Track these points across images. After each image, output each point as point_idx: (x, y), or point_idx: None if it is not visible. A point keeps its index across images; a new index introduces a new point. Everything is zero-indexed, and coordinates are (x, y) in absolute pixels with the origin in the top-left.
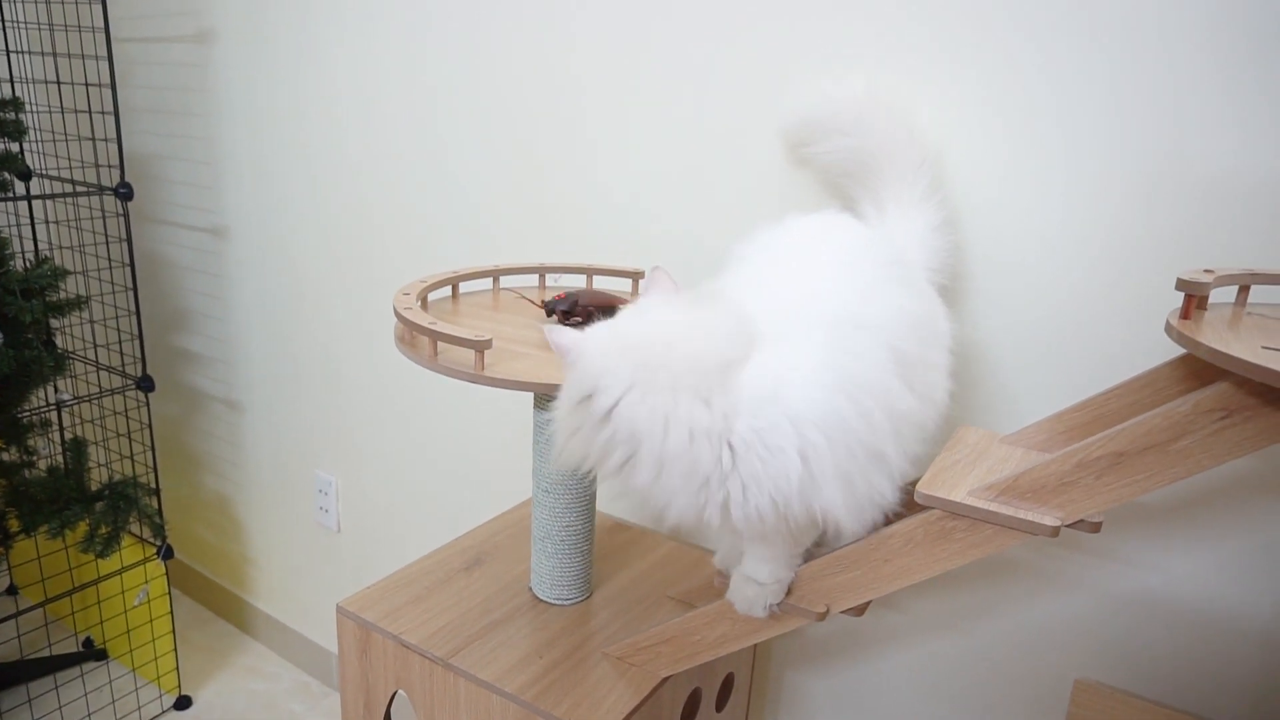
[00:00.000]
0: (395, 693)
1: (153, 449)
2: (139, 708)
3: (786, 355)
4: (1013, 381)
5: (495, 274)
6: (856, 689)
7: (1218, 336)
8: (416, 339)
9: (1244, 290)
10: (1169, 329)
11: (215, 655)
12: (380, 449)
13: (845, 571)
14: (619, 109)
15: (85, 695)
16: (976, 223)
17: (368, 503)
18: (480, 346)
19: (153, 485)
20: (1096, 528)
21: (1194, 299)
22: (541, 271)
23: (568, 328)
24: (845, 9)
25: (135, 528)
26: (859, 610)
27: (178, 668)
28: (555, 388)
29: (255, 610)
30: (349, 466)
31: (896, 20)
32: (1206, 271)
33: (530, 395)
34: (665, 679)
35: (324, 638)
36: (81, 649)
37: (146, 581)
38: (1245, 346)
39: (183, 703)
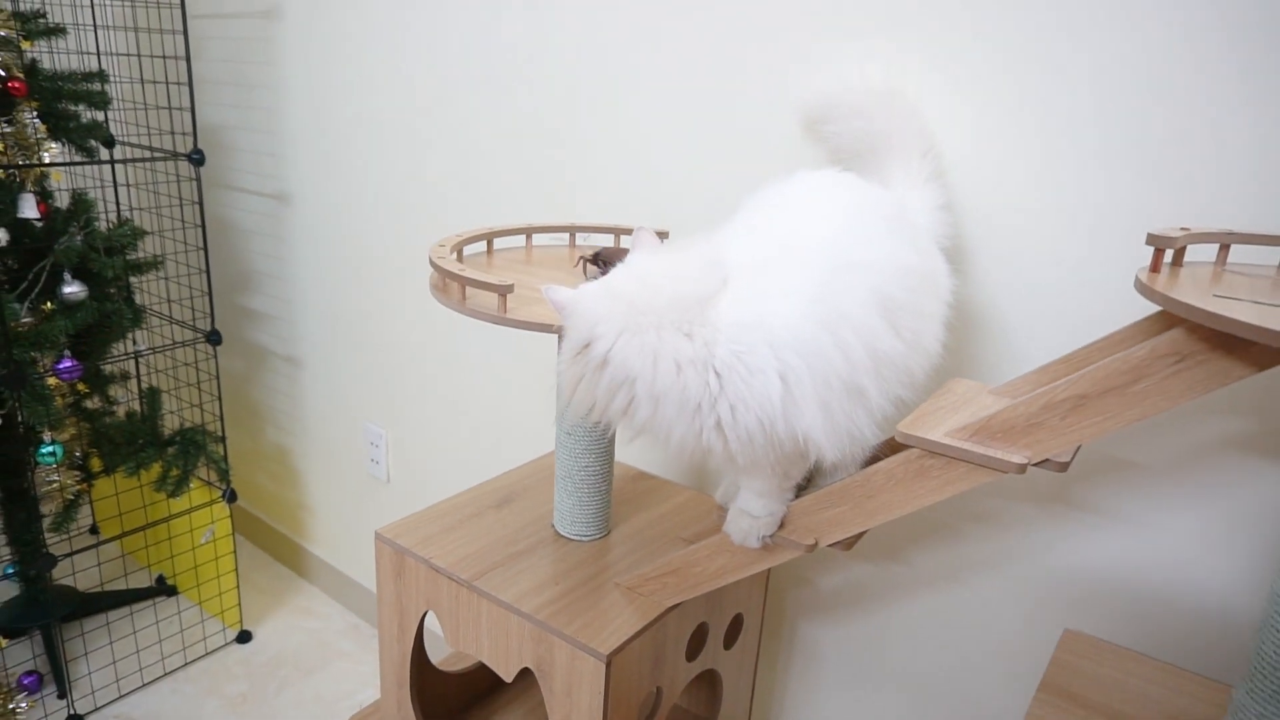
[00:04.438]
0: (425, 613)
1: (219, 399)
2: (204, 638)
3: (772, 287)
4: (1011, 340)
5: (528, 231)
6: (863, 640)
7: (1183, 289)
8: (448, 284)
9: (1224, 249)
10: (1136, 282)
11: (273, 596)
12: (426, 405)
13: (833, 507)
14: (657, 90)
15: (157, 623)
16: (979, 190)
17: (415, 455)
18: (503, 290)
19: (219, 433)
20: (1063, 467)
21: (1161, 252)
22: (572, 230)
23: (562, 286)
24: None
25: (202, 473)
26: (847, 544)
27: (240, 604)
28: (560, 335)
29: (310, 555)
30: (398, 420)
31: (908, 8)
32: (1182, 229)
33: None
34: (671, 608)
35: (374, 582)
36: (154, 584)
37: (213, 522)
38: (1197, 294)
39: (244, 637)
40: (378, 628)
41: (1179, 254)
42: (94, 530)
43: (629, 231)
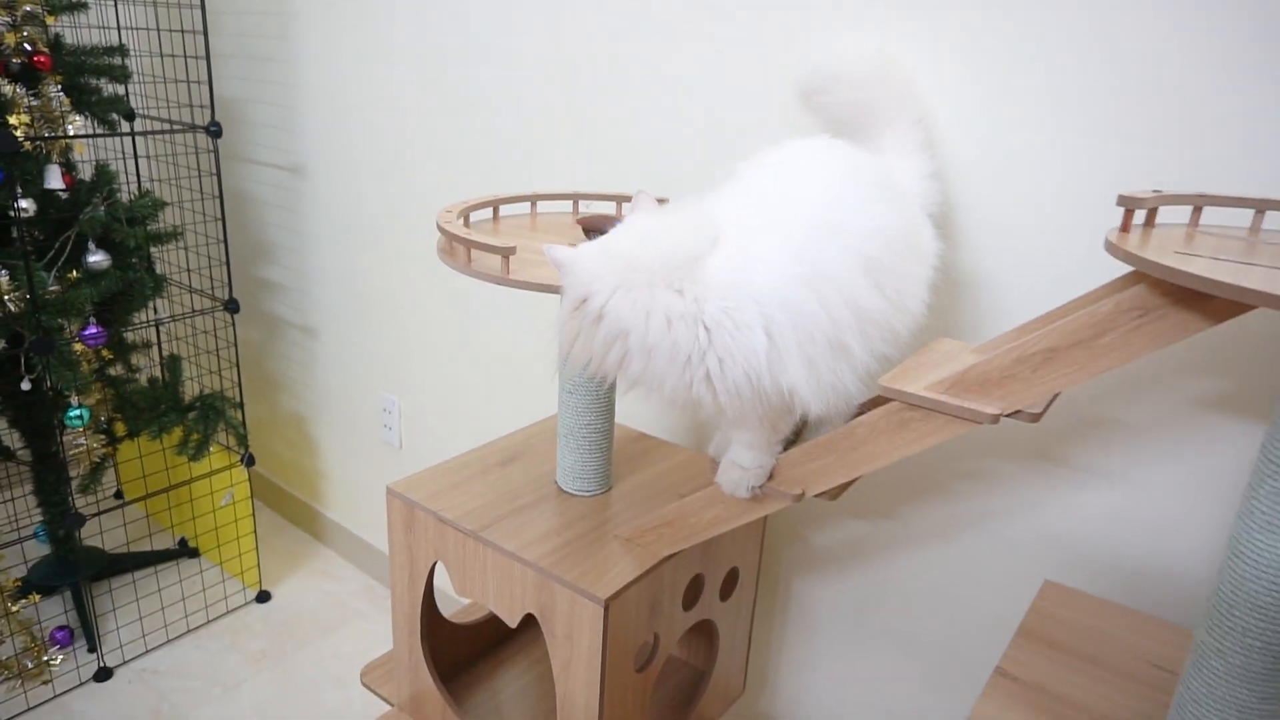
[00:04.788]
0: (434, 564)
1: (237, 366)
2: (225, 597)
3: (760, 248)
4: (995, 302)
5: (533, 199)
6: (857, 596)
7: (1150, 248)
8: (454, 248)
9: (1197, 211)
10: (1106, 242)
11: (291, 558)
12: (437, 372)
13: (819, 458)
14: (657, 64)
15: (181, 582)
16: (967, 159)
17: (427, 422)
18: (505, 252)
19: (237, 399)
20: (1036, 418)
21: (1131, 213)
22: (575, 198)
23: (563, 245)
24: None
25: (221, 438)
26: (833, 494)
27: (259, 565)
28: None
29: (326, 519)
30: (410, 388)
31: None
32: (1154, 192)
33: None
34: (667, 558)
35: (387, 545)
36: (177, 546)
37: (231, 485)
38: (1160, 252)
39: (263, 597)
40: (390, 580)
41: (1151, 215)
42: (119, 495)
43: (629, 199)
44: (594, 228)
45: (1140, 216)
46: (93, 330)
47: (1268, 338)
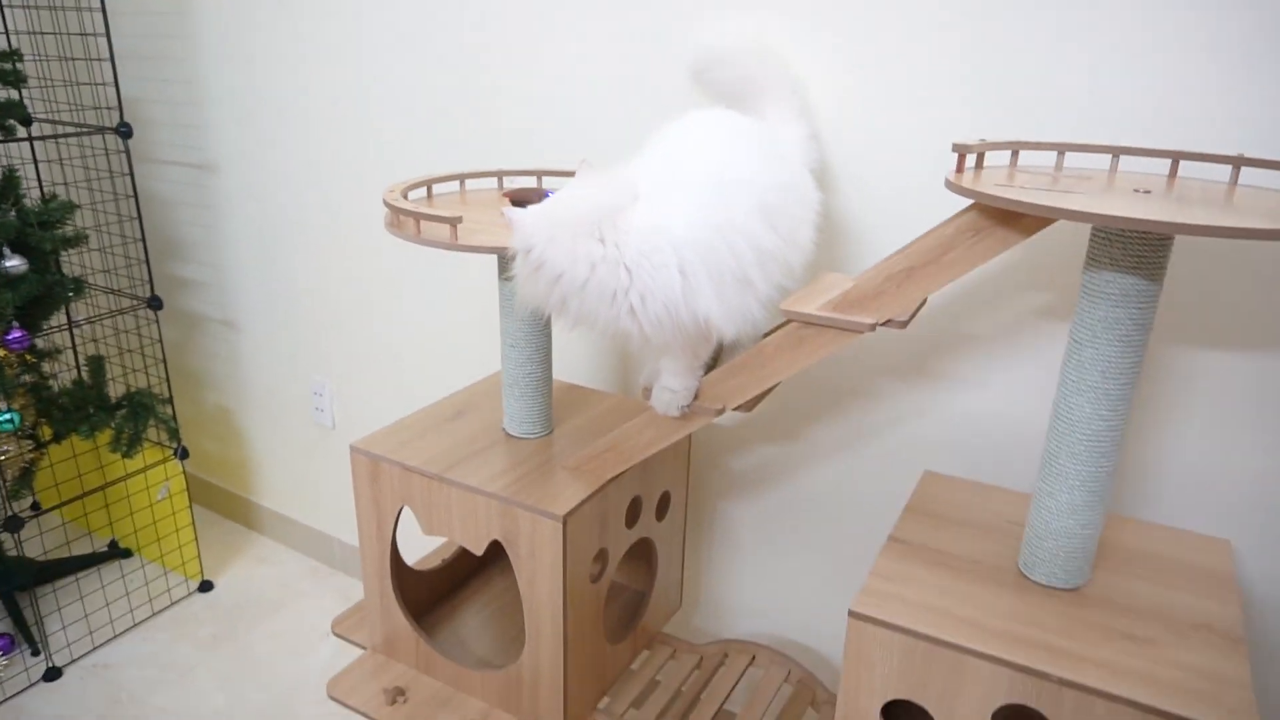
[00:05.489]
0: (400, 510)
1: (164, 362)
2: (168, 589)
3: (673, 200)
4: (867, 239)
5: (462, 178)
6: (773, 510)
7: (978, 184)
8: (404, 221)
9: (1015, 155)
10: (946, 180)
11: (229, 550)
12: (367, 349)
13: (734, 376)
14: (569, 49)
15: (123, 578)
16: (837, 122)
17: (359, 399)
18: (454, 221)
19: (166, 395)
20: (904, 325)
21: (963, 157)
22: (499, 175)
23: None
24: None
25: (151, 434)
26: (748, 406)
27: (199, 556)
28: (509, 249)
29: (262, 509)
30: (340, 369)
31: None
32: (980, 140)
33: (495, 277)
34: (611, 480)
35: (326, 524)
36: (108, 548)
37: (167, 479)
38: (985, 185)
39: (205, 586)
40: (358, 532)
41: (979, 160)
42: (35, 506)
43: (550, 173)
44: (521, 200)
45: (971, 161)
46: (16, 334)
47: (1075, 255)
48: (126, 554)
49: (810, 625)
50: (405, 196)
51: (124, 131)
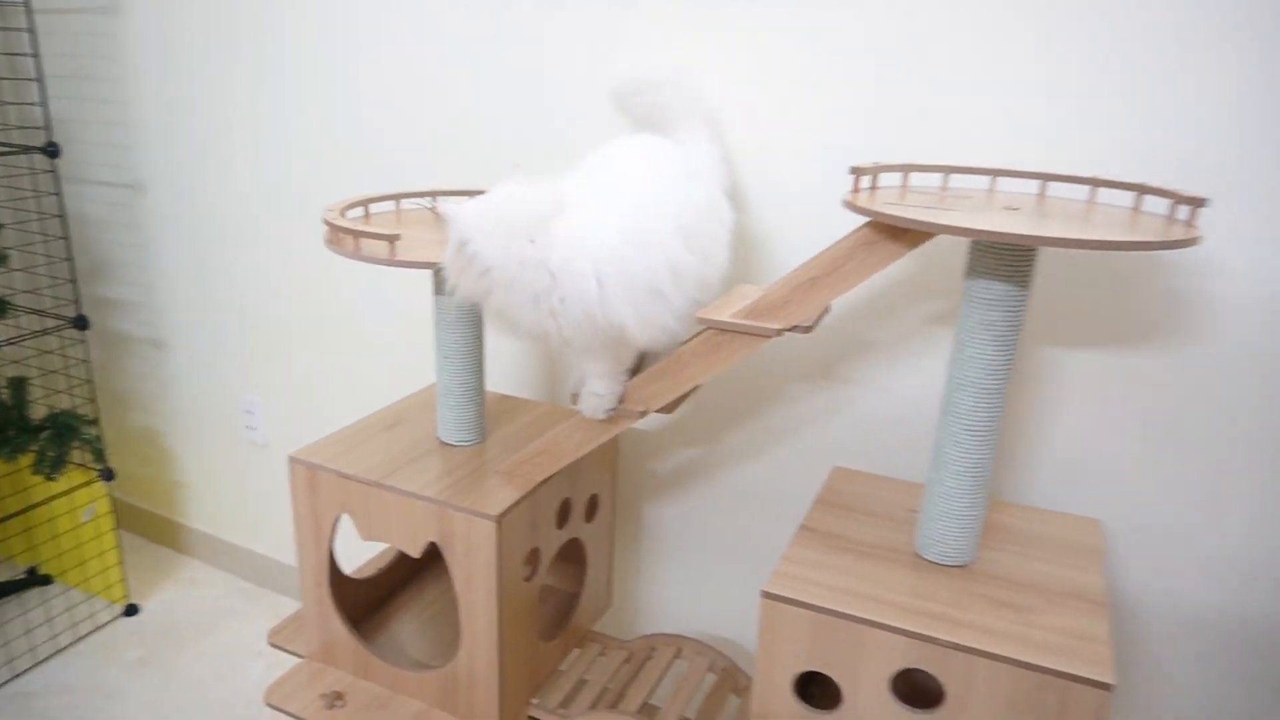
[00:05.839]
0: (338, 518)
1: (90, 382)
2: (92, 614)
3: (596, 214)
4: (777, 254)
5: (398, 197)
6: (695, 513)
7: (872, 203)
8: (343, 239)
9: (906, 176)
10: (843, 200)
11: (155, 573)
12: (299, 366)
13: (656, 381)
14: (502, 79)
15: (45, 603)
16: (747, 147)
17: (292, 417)
18: (391, 239)
19: (91, 416)
20: (808, 330)
21: (859, 178)
22: (434, 195)
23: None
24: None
25: (76, 457)
26: (669, 409)
27: (125, 579)
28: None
29: (189, 530)
30: (272, 387)
31: (692, 12)
32: (874, 163)
33: (430, 293)
34: (542, 483)
35: (258, 543)
36: (26, 575)
37: (93, 502)
38: (876, 204)
39: (131, 610)
40: (295, 541)
41: (875, 180)
42: None
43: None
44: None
45: (867, 182)
46: None
47: (962, 267)
48: (47, 580)
49: (733, 618)
50: (343, 215)
51: (51, 151)
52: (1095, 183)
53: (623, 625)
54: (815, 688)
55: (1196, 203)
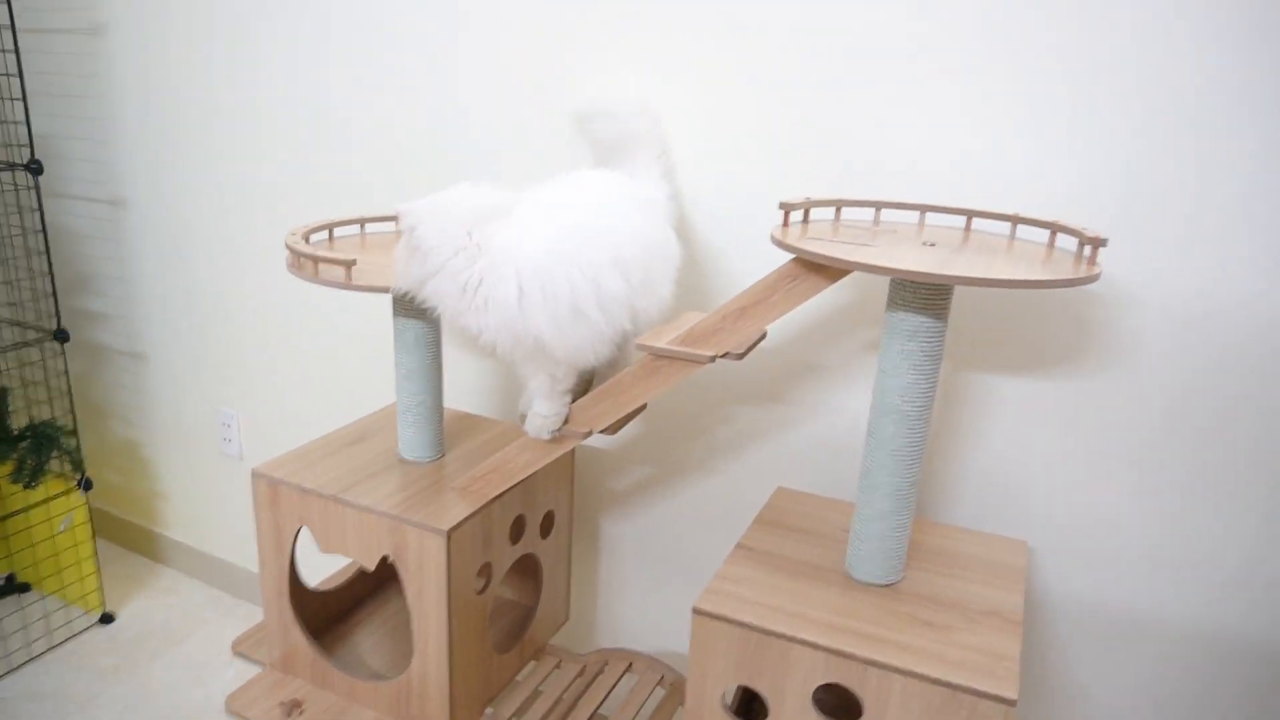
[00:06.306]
0: (299, 531)
1: (70, 394)
2: (68, 622)
3: (531, 229)
4: (719, 283)
5: (362, 221)
6: (651, 529)
7: (800, 239)
8: (303, 263)
9: (838, 211)
10: (771, 235)
11: (132, 583)
12: (275, 382)
13: (599, 403)
14: (469, 106)
15: (21, 610)
16: (700, 184)
17: (267, 430)
18: (347, 264)
19: (70, 427)
20: (740, 357)
21: (788, 214)
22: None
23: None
24: (623, 24)
25: (55, 467)
26: (613, 429)
27: (101, 588)
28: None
29: (166, 540)
30: (249, 401)
31: (650, 42)
32: (805, 198)
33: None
34: (494, 499)
35: (233, 554)
36: (3, 583)
37: (70, 511)
38: (800, 239)
39: (106, 618)
40: (258, 553)
41: (806, 214)
42: None
43: None
44: None
45: (799, 216)
46: None
47: None
48: (24, 588)
49: (685, 633)
50: (308, 239)
51: (34, 168)
52: (1014, 220)
53: (580, 639)
54: (758, 703)
55: (1098, 242)
